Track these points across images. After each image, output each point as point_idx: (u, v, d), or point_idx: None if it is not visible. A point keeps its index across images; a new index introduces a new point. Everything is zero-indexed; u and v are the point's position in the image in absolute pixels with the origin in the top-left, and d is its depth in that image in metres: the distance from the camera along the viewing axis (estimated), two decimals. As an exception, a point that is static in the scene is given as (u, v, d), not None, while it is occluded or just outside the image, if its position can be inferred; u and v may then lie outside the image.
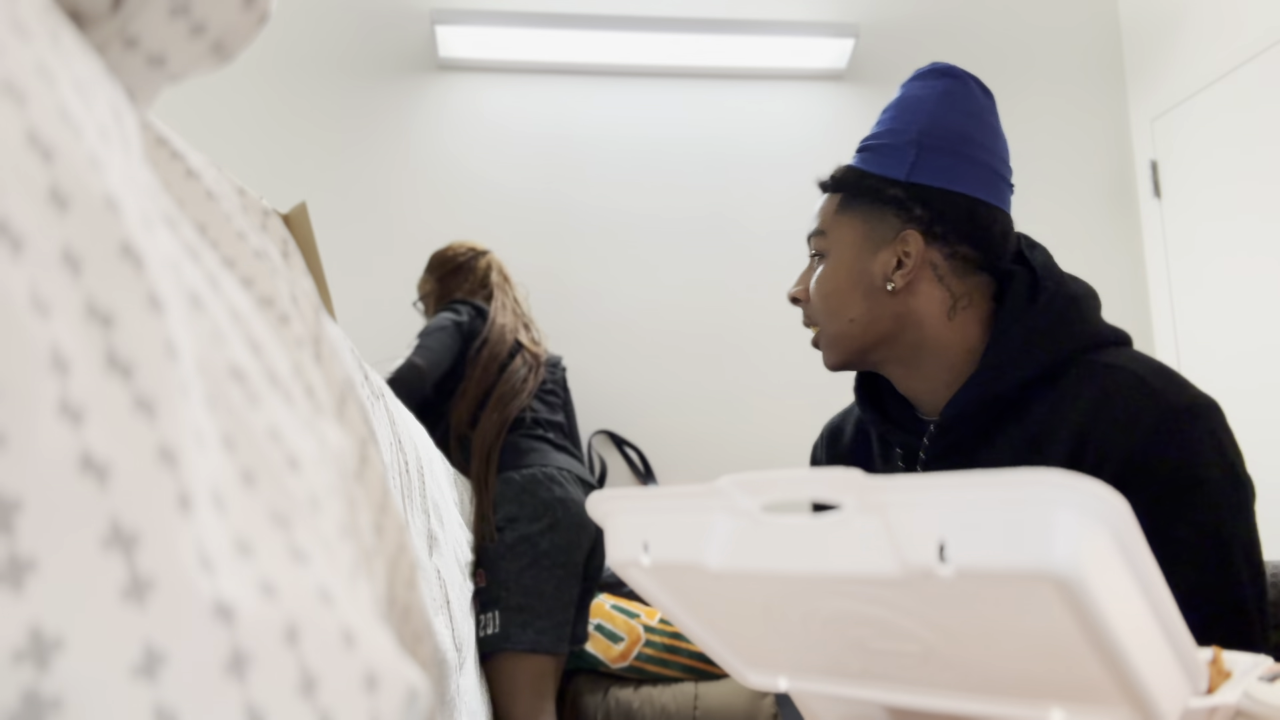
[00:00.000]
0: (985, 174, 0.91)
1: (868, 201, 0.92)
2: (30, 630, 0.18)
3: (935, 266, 0.91)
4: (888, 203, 0.91)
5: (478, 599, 1.78)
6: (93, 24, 0.28)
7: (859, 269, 0.92)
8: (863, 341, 0.93)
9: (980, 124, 0.92)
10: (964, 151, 0.90)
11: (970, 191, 0.90)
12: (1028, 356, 0.86)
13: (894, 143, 0.92)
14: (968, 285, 0.92)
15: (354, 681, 0.24)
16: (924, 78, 0.95)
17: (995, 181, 0.91)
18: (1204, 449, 0.77)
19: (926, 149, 0.90)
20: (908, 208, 0.90)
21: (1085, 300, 0.90)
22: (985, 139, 0.92)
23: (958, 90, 0.93)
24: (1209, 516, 0.76)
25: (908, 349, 0.92)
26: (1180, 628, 0.38)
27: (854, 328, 0.93)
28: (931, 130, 0.91)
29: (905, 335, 0.92)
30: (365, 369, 0.88)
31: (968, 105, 0.92)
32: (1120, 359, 0.84)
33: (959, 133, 0.90)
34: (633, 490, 0.47)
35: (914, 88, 0.95)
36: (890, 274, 0.91)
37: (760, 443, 2.63)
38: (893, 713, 0.49)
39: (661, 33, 2.65)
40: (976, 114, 0.92)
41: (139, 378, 0.22)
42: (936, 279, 0.91)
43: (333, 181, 2.64)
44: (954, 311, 0.91)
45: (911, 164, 0.90)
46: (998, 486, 0.33)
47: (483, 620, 1.77)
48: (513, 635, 1.77)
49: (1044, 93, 2.89)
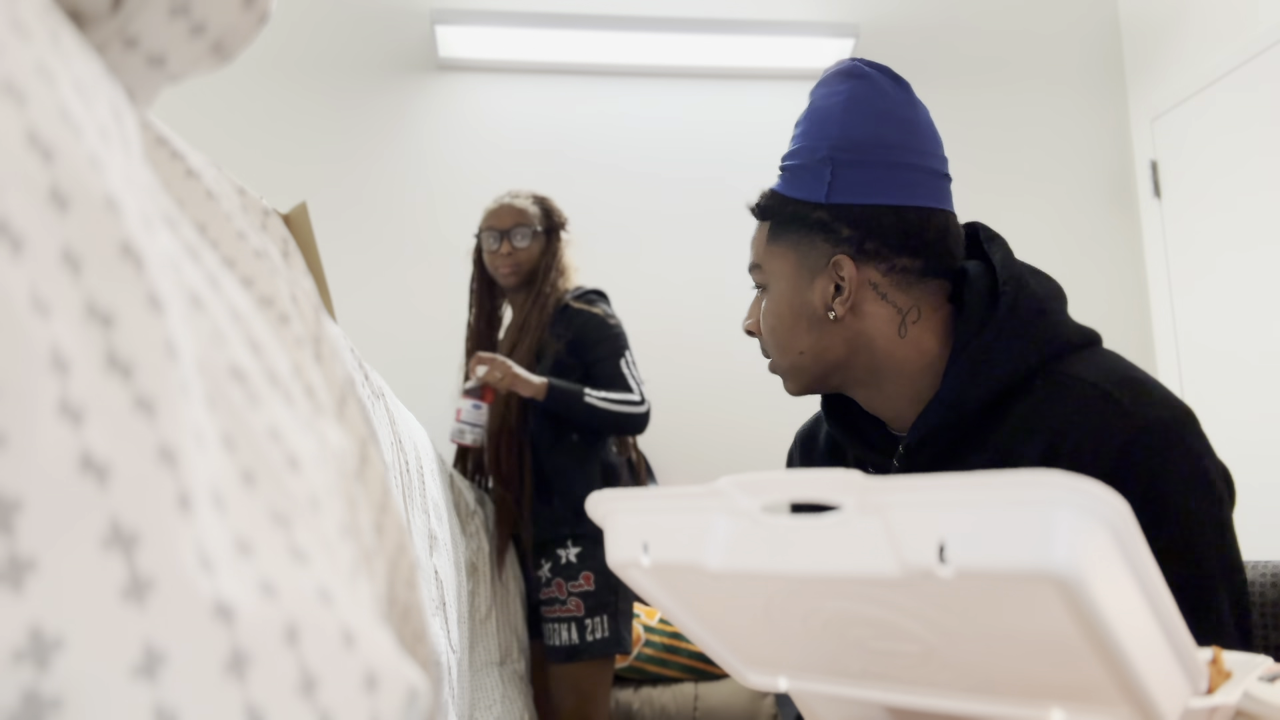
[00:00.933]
0: (907, 176, 0.86)
1: (795, 229, 0.89)
2: (30, 630, 0.18)
3: (875, 285, 0.87)
4: (813, 228, 0.88)
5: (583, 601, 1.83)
6: (93, 24, 0.28)
7: (799, 301, 0.90)
8: (817, 371, 0.91)
9: (893, 124, 0.87)
10: (880, 159, 0.86)
11: (894, 201, 0.86)
12: (990, 373, 0.83)
13: (808, 162, 0.88)
14: (913, 296, 0.88)
15: (354, 681, 0.24)
16: (828, 83, 0.91)
17: (921, 180, 0.87)
18: (1174, 464, 0.76)
19: (841, 165, 0.86)
20: (834, 230, 0.87)
21: (1048, 302, 0.87)
22: (901, 138, 0.87)
23: (863, 93, 0.88)
24: (1181, 532, 0.75)
25: (864, 371, 0.90)
26: (1180, 628, 0.38)
27: (805, 359, 0.90)
28: (843, 144, 0.87)
29: (859, 359, 0.89)
30: (365, 369, 0.88)
31: (876, 106, 0.88)
32: (1088, 370, 0.81)
33: (871, 141, 0.86)
34: (633, 490, 0.47)
35: (820, 96, 0.91)
36: (830, 302, 0.88)
37: (760, 443, 2.63)
38: (893, 713, 0.49)
39: (661, 33, 2.65)
40: (887, 114, 0.88)
41: (139, 378, 0.22)
42: (880, 297, 0.88)
43: (333, 181, 2.64)
44: (904, 327, 0.88)
45: (829, 184, 0.87)
46: (998, 487, 0.33)
47: (589, 625, 1.82)
48: (622, 639, 1.86)
49: (1044, 93, 2.89)
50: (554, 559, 1.87)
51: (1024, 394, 0.83)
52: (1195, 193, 2.64)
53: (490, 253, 1.97)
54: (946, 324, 0.89)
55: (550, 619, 1.87)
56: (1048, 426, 0.80)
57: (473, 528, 1.81)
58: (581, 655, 1.83)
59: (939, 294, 0.89)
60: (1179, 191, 2.70)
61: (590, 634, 1.83)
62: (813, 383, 0.93)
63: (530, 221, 1.97)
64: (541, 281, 1.96)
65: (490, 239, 1.97)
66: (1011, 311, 0.84)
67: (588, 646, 1.83)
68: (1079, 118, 2.89)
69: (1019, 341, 0.84)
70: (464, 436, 1.84)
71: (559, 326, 1.93)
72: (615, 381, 1.91)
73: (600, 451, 1.94)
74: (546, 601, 1.87)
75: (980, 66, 2.88)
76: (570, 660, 1.84)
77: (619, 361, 1.93)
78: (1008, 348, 0.83)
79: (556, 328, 1.93)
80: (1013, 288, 0.86)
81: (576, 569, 1.85)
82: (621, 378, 1.92)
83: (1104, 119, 2.90)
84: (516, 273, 1.96)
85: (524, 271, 1.96)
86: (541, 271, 1.97)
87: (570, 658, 1.84)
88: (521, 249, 1.95)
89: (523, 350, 1.91)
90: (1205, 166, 2.59)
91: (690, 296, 2.70)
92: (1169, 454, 0.76)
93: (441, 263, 2.62)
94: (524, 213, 1.97)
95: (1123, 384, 0.80)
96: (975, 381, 0.84)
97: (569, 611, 1.84)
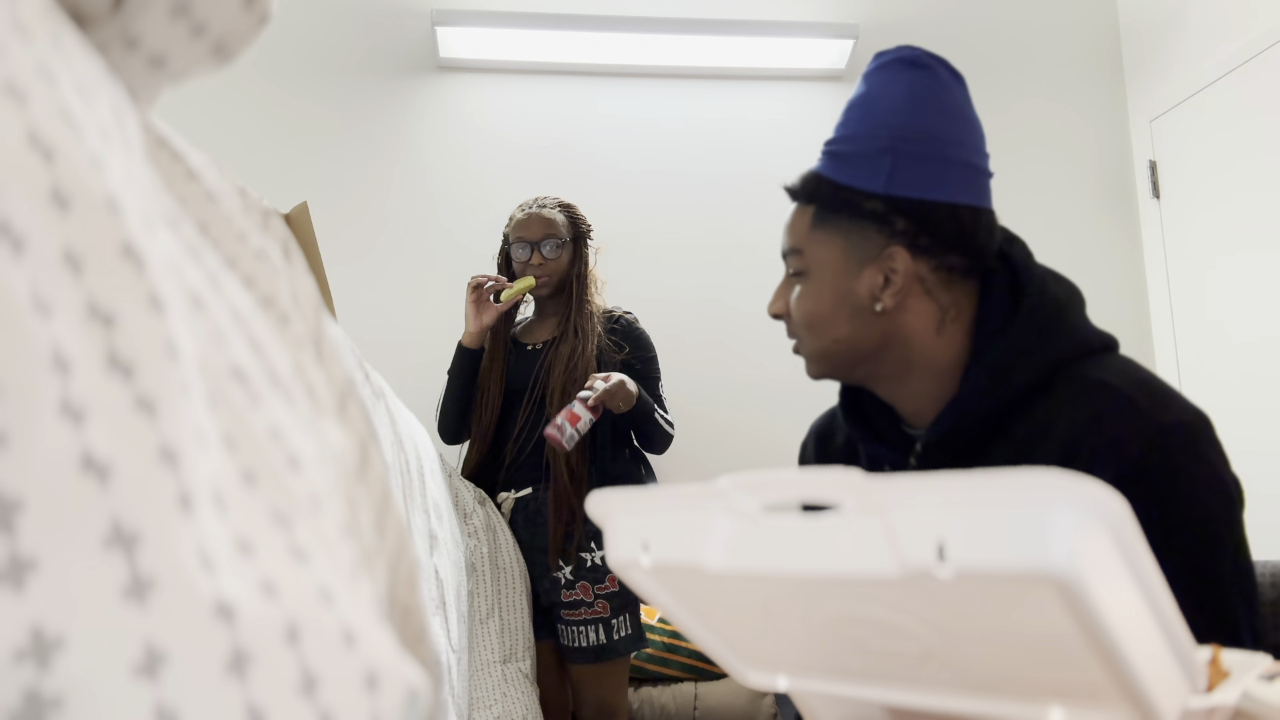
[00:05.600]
0: (965, 174, 0.86)
1: (846, 217, 0.87)
2: (31, 630, 0.18)
3: (923, 280, 0.87)
4: (867, 217, 0.86)
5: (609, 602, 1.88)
6: (94, 24, 0.28)
7: (843, 290, 0.88)
8: (847, 359, 0.90)
9: (955, 119, 0.86)
10: (942, 154, 0.85)
11: (953, 198, 0.85)
12: (1012, 373, 0.83)
13: (866, 150, 0.86)
14: (954, 295, 0.88)
15: (354, 681, 0.24)
16: (889, 69, 0.88)
17: (975, 179, 0.87)
18: (1191, 468, 0.76)
19: (903, 156, 0.84)
20: (890, 222, 0.85)
21: (1069, 305, 0.87)
22: (961, 134, 0.86)
23: (927, 84, 0.86)
24: (1197, 535, 0.75)
25: (894, 364, 0.89)
26: (1179, 627, 0.38)
27: (839, 347, 0.89)
28: (906, 134, 0.85)
29: (892, 351, 0.88)
30: (366, 369, 0.88)
31: (939, 100, 0.86)
32: (1108, 373, 0.81)
33: (934, 134, 0.85)
34: (633, 490, 0.47)
35: (880, 82, 0.88)
36: (878, 293, 0.86)
37: (760, 443, 2.63)
38: (892, 712, 0.49)
39: (661, 33, 2.65)
40: (949, 108, 0.86)
41: (140, 378, 0.22)
42: (925, 293, 0.87)
43: (333, 182, 2.64)
44: (943, 325, 0.87)
45: (888, 174, 0.84)
46: (997, 487, 0.33)
47: (615, 624, 1.89)
48: (644, 635, 1.94)
49: (1043, 93, 2.89)
50: (577, 562, 1.89)
51: (1044, 395, 0.83)
52: (1194, 193, 2.64)
53: (520, 263, 2.02)
54: (974, 325, 0.88)
55: (573, 621, 1.89)
56: (1066, 427, 0.80)
57: (472, 527, 1.81)
58: (609, 655, 1.88)
59: (973, 294, 0.89)
60: (1178, 192, 2.70)
61: (616, 633, 1.88)
62: (838, 370, 0.91)
63: (559, 232, 2.01)
64: (579, 289, 2.02)
65: (520, 250, 2.01)
66: (1034, 314, 0.84)
67: (615, 645, 1.88)
68: (1078, 118, 2.89)
69: (1040, 344, 0.84)
70: (573, 443, 1.86)
71: (615, 337, 2.01)
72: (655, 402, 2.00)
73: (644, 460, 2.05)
74: (569, 604, 1.90)
75: (979, 67, 2.88)
76: (598, 660, 1.88)
77: (659, 385, 2.04)
78: (1029, 350, 0.84)
79: (613, 338, 2.01)
80: (1035, 288, 0.86)
81: (603, 572, 1.89)
82: (660, 400, 2.02)
83: (1103, 119, 2.90)
84: (548, 283, 2.01)
85: (554, 281, 2.02)
86: (575, 279, 2.03)
87: (599, 658, 1.88)
88: (551, 260, 2.00)
89: (586, 358, 1.95)
90: (1204, 167, 2.59)
91: (690, 296, 2.70)
92: (1187, 458, 0.76)
93: (441, 262, 2.62)
94: (552, 223, 2.01)
95: (1142, 388, 0.80)
96: (996, 382, 0.84)
97: (595, 614, 1.88)
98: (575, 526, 1.90)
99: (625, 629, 1.89)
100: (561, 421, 1.82)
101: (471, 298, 1.99)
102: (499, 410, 1.99)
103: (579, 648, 1.88)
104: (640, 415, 1.92)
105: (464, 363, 2.02)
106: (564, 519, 1.89)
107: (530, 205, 2.05)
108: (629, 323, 2.05)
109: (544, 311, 2.09)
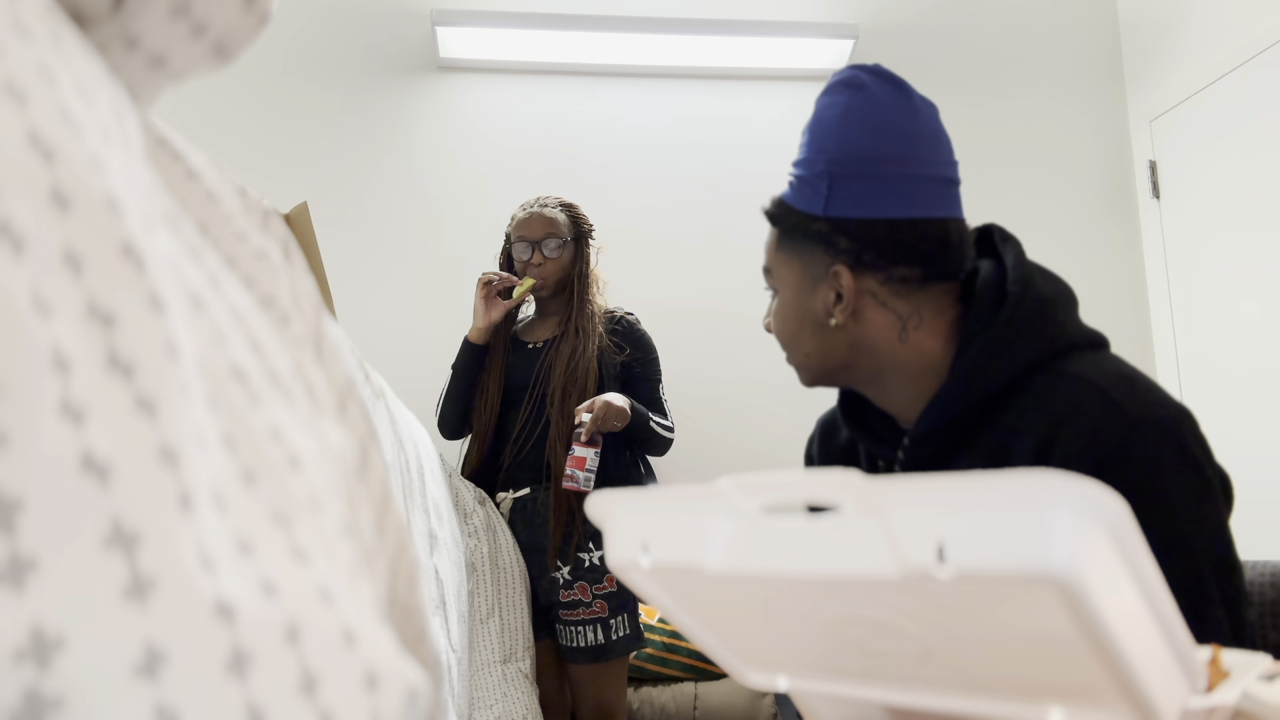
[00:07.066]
0: (903, 188, 0.87)
1: (798, 239, 0.92)
2: (32, 629, 0.18)
3: (874, 294, 0.90)
4: (814, 239, 0.91)
5: (607, 602, 1.89)
6: (94, 24, 0.28)
7: (803, 308, 0.93)
8: (822, 369, 0.95)
9: (888, 136, 0.88)
10: (874, 173, 0.88)
11: (889, 214, 0.87)
12: (992, 369, 0.85)
13: (809, 174, 0.91)
14: (914, 303, 0.90)
15: (355, 681, 0.24)
16: (830, 93, 0.92)
17: (919, 190, 0.88)
18: (1168, 461, 0.77)
19: (837, 179, 0.88)
20: (832, 242, 0.89)
21: (1055, 302, 0.88)
22: (897, 150, 0.88)
23: (858, 105, 0.89)
24: (1174, 528, 0.76)
25: (868, 371, 0.93)
26: (1179, 627, 0.38)
27: (811, 360, 0.95)
28: (838, 158, 0.88)
29: (862, 361, 0.92)
30: (366, 369, 0.88)
31: (870, 120, 0.89)
32: (1087, 368, 0.82)
33: (864, 154, 0.88)
34: (632, 491, 0.47)
35: (822, 106, 0.92)
36: (831, 309, 0.91)
37: (760, 443, 2.63)
38: (892, 713, 0.49)
39: (661, 33, 2.65)
40: (881, 126, 0.88)
41: (140, 378, 0.22)
42: (879, 305, 0.90)
43: (333, 182, 2.64)
44: (905, 333, 0.90)
45: (826, 197, 0.89)
46: (997, 489, 0.33)
47: (613, 624, 1.89)
48: (641, 634, 1.94)
49: (1043, 93, 2.89)
50: (575, 562, 1.89)
51: (1024, 391, 0.84)
52: (1194, 193, 2.64)
53: (521, 262, 2.03)
54: (954, 324, 0.90)
55: (572, 621, 1.90)
56: (1043, 420, 0.81)
57: (472, 527, 1.81)
58: (608, 654, 1.88)
59: (946, 297, 0.91)
60: (1178, 192, 2.70)
61: (615, 633, 1.89)
62: (821, 379, 0.97)
63: (560, 231, 2.02)
64: (580, 288, 2.02)
65: (522, 249, 2.02)
66: (1016, 311, 0.86)
67: (613, 645, 1.88)
68: (1078, 118, 2.89)
69: (1021, 339, 0.85)
70: (591, 483, 1.84)
71: (617, 338, 2.01)
72: (653, 405, 2.00)
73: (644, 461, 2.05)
74: (567, 605, 1.90)
75: (979, 67, 2.88)
76: (597, 660, 1.88)
77: (659, 387, 2.04)
78: (1009, 345, 0.85)
79: (614, 338, 2.00)
80: (1020, 287, 0.87)
81: (601, 572, 1.89)
82: (659, 403, 2.01)
83: (1103, 119, 2.90)
84: (546, 285, 2.02)
85: (556, 280, 2.02)
86: (577, 279, 2.03)
87: (597, 657, 1.88)
88: (553, 259, 2.01)
89: (587, 358, 1.95)
90: (1204, 167, 2.59)
91: (689, 297, 2.70)
92: (1163, 451, 0.77)
93: (442, 262, 2.62)
94: (554, 222, 2.02)
95: (1120, 382, 0.81)
96: (977, 378, 0.85)
97: (594, 614, 1.88)
98: (574, 527, 1.90)
99: (623, 629, 1.90)
100: (570, 471, 1.82)
101: (482, 293, 1.99)
102: (498, 409, 1.99)
103: (577, 648, 1.88)
104: (635, 429, 1.92)
105: (469, 358, 2.02)
106: (564, 519, 1.89)
107: (532, 204, 2.05)
108: (630, 324, 2.04)
109: (545, 310, 2.09)
